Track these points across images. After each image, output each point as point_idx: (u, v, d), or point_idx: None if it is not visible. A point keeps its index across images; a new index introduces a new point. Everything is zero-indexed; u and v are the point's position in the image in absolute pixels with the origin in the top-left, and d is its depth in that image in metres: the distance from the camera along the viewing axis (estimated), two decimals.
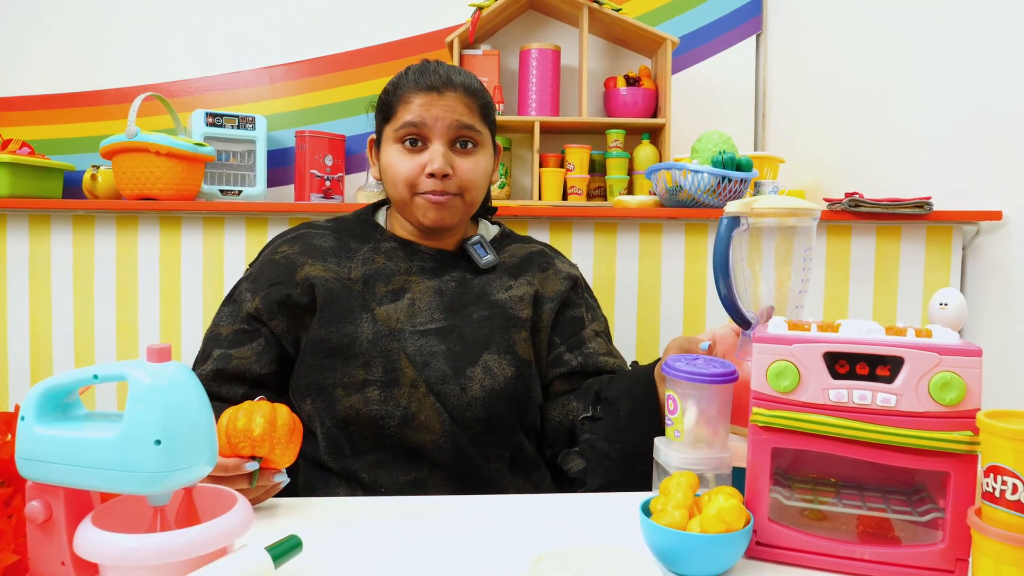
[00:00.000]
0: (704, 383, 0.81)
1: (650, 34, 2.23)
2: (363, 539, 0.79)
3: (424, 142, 1.15)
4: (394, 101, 1.16)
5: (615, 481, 1.01)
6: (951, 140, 1.82)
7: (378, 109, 1.21)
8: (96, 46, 2.37)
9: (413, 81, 1.15)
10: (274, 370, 1.12)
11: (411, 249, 1.20)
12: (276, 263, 1.16)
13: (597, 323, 1.24)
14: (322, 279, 1.11)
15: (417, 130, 1.14)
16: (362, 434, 1.06)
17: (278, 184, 2.40)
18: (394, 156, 1.15)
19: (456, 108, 1.14)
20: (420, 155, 1.14)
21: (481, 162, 1.18)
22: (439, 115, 1.13)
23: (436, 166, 1.12)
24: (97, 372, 0.59)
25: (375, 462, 1.05)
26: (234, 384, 1.10)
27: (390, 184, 1.17)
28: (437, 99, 1.14)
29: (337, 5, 2.42)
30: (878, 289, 1.83)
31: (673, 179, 1.78)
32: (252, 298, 1.13)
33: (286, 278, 1.13)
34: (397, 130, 1.15)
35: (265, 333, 1.12)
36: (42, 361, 1.87)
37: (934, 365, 0.67)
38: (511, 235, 1.33)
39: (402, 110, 1.15)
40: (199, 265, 1.86)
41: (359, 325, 1.08)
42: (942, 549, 0.69)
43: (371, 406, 1.05)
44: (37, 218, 1.86)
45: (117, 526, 0.58)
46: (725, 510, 0.68)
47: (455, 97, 1.15)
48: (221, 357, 1.11)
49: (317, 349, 1.08)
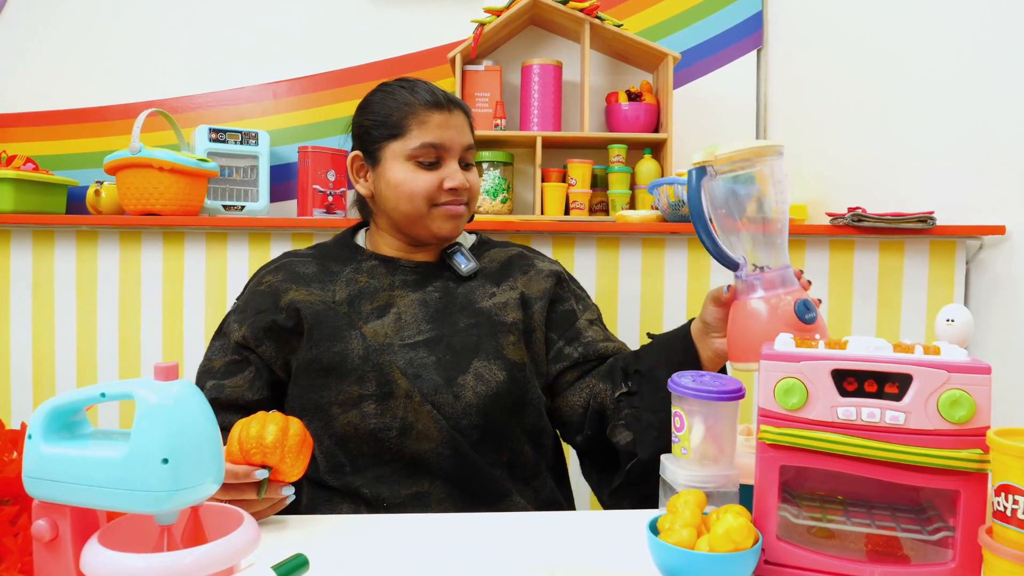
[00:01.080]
0: (711, 400, 0.81)
1: (651, 49, 2.23)
2: (369, 557, 0.79)
3: (439, 162, 1.19)
4: (404, 120, 1.18)
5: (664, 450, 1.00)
6: (954, 154, 1.83)
7: (375, 124, 1.21)
8: (100, 62, 2.38)
9: (422, 101, 1.18)
10: (267, 395, 1.14)
11: (392, 265, 1.22)
12: (261, 293, 1.18)
13: (589, 312, 1.27)
14: (307, 303, 1.14)
15: (436, 151, 1.18)
16: (361, 450, 1.07)
17: (281, 199, 2.40)
18: (408, 174, 1.18)
19: (463, 128, 1.21)
20: (434, 172, 1.18)
21: (477, 175, 1.28)
22: (453, 136, 1.19)
23: (458, 182, 1.18)
24: (104, 390, 0.58)
25: (376, 477, 1.05)
26: (228, 412, 1.11)
27: (404, 199, 1.18)
28: (451, 119, 1.19)
29: (340, 21, 2.43)
30: (881, 304, 1.83)
31: (675, 194, 1.78)
32: (239, 327, 1.15)
33: (271, 305, 1.16)
34: (414, 149, 1.17)
35: (255, 360, 1.14)
36: (45, 377, 1.87)
37: (943, 383, 0.67)
38: (489, 241, 1.36)
39: (417, 130, 1.18)
40: (202, 280, 1.86)
41: (349, 343, 1.10)
42: (952, 568, 0.68)
43: (368, 420, 1.05)
44: (41, 234, 1.86)
45: (123, 545, 0.58)
46: (734, 529, 0.68)
47: (460, 117, 1.21)
48: (214, 387, 1.13)
49: (309, 370, 1.10)
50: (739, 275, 0.94)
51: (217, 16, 2.41)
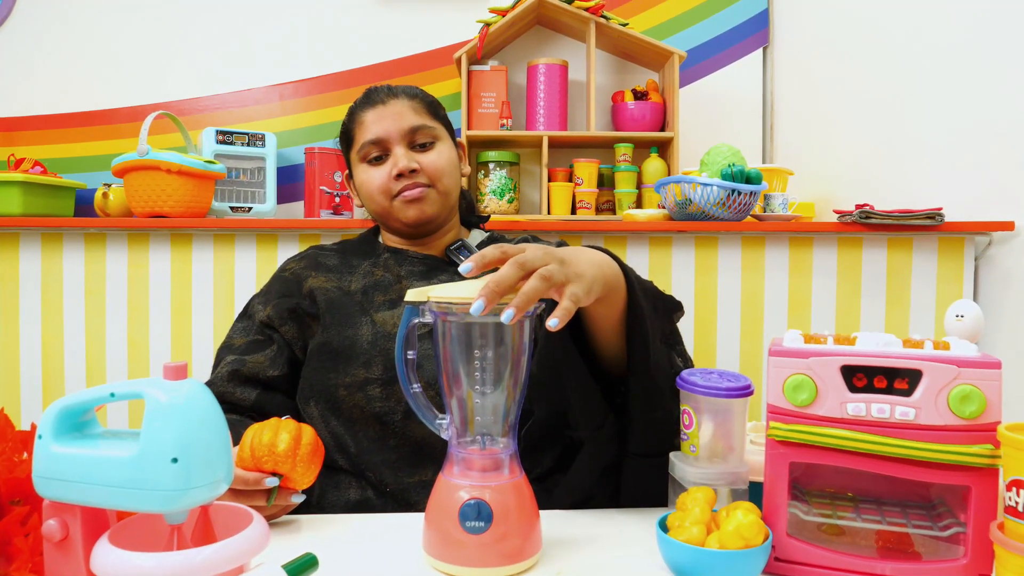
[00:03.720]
0: (720, 397, 0.80)
1: (657, 48, 2.23)
2: (379, 556, 0.79)
3: (386, 154, 1.23)
4: (351, 127, 1.26)
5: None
6: (962, 150, 1.82)
7: (341, 142, 1.32)
8: (107, 65, 2.39)
9: (360, 104, 1.26)
10: (287, 373, 1.17)
11: (401, 256, 1.26)
12: (285, 279, 1.24)
13: None
14: (323, 289, 1.18)
15: (377, 145, 1.22)
16: (368, 434, 1.08)
17: (288, 201, 2.41)
18: (364, 175, 1.24)
19: (404, 113, 1.23)
20: (385, 164, 1.23)
21: (444, 153, 1.25)
22: (390, 124, 1.22)
23: (401, 164, 1.20)
24: (114, 390, 0.59)
25: (381, 463, 1.07)
26: (247, 386, 1.15)
27: (369, 200, 1.26)
28: (384, 110, 1.23)
29: (345, 23, 2.43)
30: (890, 301, 1.82)
31: (682, 192, 1.78)
32: (264, 308, 1.20)
33: (295, 291, 1.21)
34: (359, 151, 1.24)
35: (278, 339, 1.19)
36: (54, 378, 1.88)
37: (953, 378, 0.67)
38: (500, 238, 1.39)
39: (359, 132, 1.24)
40: (210, 282, 1.87)
41: (359, 328, 1.13)
42: (964, 564, 0.68)
43: (374, 403, 1.07)
44: (49, 236, 1.87)
45: (134, 544, 0.58)
46: (744, 526, 0.68)
47: (399, 103, 1.24)
48: (235, 361, 1.16)
49: (321, 353, 1.13)
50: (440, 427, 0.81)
51: (223, 19, 2.42)
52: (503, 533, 0.73)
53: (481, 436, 0.79)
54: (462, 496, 0.74)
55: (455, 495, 0.74)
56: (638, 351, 0.88)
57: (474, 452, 0.78)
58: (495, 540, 0.73)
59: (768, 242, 1.83)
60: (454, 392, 0.79)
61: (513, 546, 0.73)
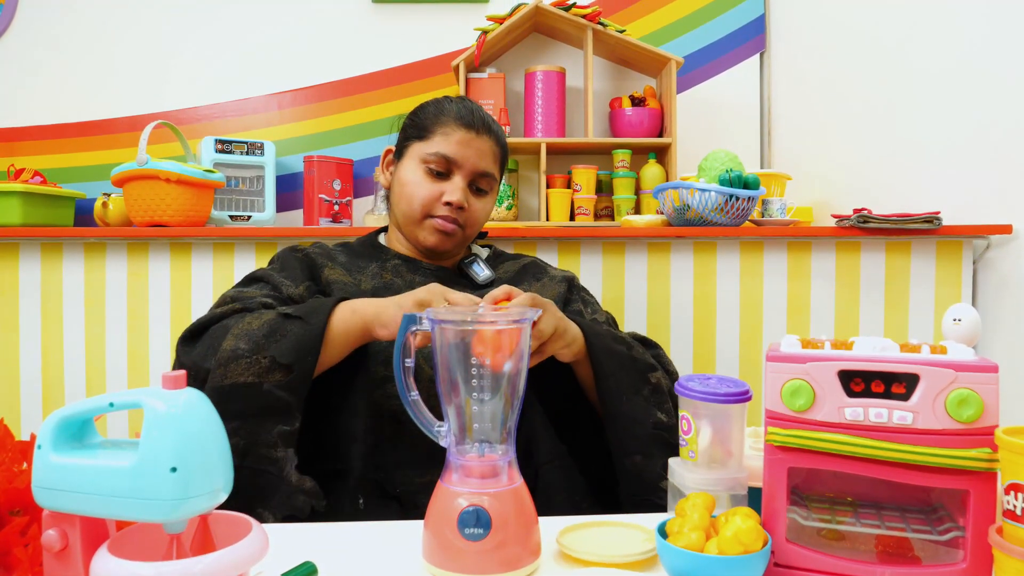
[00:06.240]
0: (718, 403, 0.80)
1: (654, 54, 2.24)
2: (378, 564, 0.79)
3: (447, 174, 1.24)
4: (433, 126, 1.25)
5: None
6: (959, 154, 1.82)
7: (411, 124, 1.29)
8: (106, 75, 2.40)
9: (456, 115, 1.24)
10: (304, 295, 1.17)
11: (414, 265, 1.27)
12: (302, 260, 1.25)
13: (597, 315, 1.30)
14: (341, 283, 1.20)
15: (447, 164, 1.23)
16: (385, 432, 1.09)
17: (287, 209, 2.41)
18: (415, 176, 1.24)
19: (485, 154, 1.25)
20: (440, 183, 1.23)
21: (488, 206, 1.29)
22: (470, 156, 1.23)
23: (455, 197, 1.22)
24: (113, 400, 0.59)
25: (393, 463, 1.07)
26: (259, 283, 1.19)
27: (404, 199, 1.25)
28: (473, 140, 1.23)
29: (344, 31, 2.44)
30: (889, 305, 1.83)
31: (680, 198, 1.78)
32: (296, 285, 1.19)
33: (316, 277, 1.22)
34: (429, 155, 1.23)
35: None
36: (54, 387, 1.88)
37: (950, 382, 0.67)
38: (502, 254, 1.42)
39: (440, 139, 1.23)
40: (209, 290, 1.87)
41: None
42: (963, 569, 0.68)
43: (391, 401, 1.08)
44: (49, 246, 1.87)
45: (133, 554, 0.58)
46: (743, 531, 0.68)
47: (488, 142, 1.25)
48: (247, 300, 1.13)
49: None
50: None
51: (222, 28, 2.43)
52: (502, 540, 0.73)
53: (479, 443, 0.79)
54: (460, 503, 0.74)
55: (454, 502, 0.74)
56: (604, 404, 1.08)
57: (472, 459, 0.78)
58: (494, 547, 0.73)
59: (766, 247, 1.83)
60: (452, 399, 0.79)
61: (512, 553, 0.73)
